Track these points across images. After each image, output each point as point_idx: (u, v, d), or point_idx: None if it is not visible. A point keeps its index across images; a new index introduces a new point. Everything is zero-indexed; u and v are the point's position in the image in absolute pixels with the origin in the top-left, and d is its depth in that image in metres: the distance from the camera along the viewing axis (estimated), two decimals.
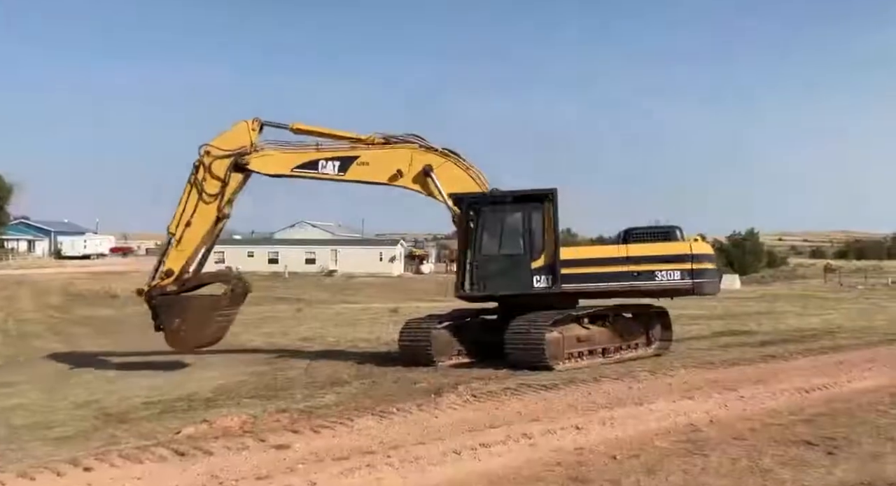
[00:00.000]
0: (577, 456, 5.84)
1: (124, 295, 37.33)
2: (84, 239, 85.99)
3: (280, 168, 12.10)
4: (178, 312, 11.71)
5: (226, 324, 12.21)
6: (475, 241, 11.69)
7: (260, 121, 12.08)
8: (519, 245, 11.70)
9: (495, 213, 11.83)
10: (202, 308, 11.80)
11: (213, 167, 11.89)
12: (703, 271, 11.42)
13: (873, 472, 5.26)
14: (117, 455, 6.09)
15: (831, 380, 9.35)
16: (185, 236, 12.02)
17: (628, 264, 11.32)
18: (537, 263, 11.38)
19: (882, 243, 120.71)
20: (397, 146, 11.96)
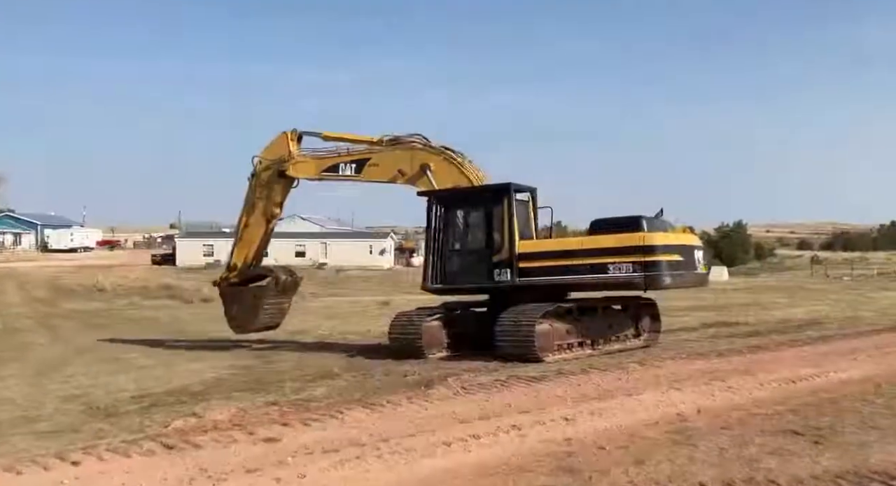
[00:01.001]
0: (566, 447, 5.87)
1: (111, 288, 37.18)
2: (71, 232, 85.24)
3: (310, 173, 13.23)
4: (234, 300, 13.58)
5: (277, 311, 13.81)
6: (441, 236, 12.07)
7: (297, 132, 13.29)
8: (480, 240, 12.03)
9: (459, 208, 12.22)
10: (252, 297, 13.43)
11: (261, 175, 13.39)
12: (656, 264, 10.72)
13: (858, 460, 5.32)
14: (105, 449, 6.06)
15: (817, 370, 9.44)
16: (244, 235, 13.81)
17: (583, 256, 11.12)
18: (497, 256, 11.54)
19: (868, 235, 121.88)
20: (401, 147, 12.48)
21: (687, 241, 11.65)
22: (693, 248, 11.64)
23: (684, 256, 11.22)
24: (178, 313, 25.00)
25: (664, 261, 10.84)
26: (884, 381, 8.57)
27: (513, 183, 11.80)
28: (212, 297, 33.09)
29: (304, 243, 66.87)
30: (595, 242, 11.26)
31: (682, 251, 11.23)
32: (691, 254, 11.48)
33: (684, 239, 11.62)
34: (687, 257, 11.32)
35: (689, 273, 11.41)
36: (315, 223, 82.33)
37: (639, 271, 10.71)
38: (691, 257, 11.46)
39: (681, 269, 11.13)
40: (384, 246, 66.55)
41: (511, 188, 11.66)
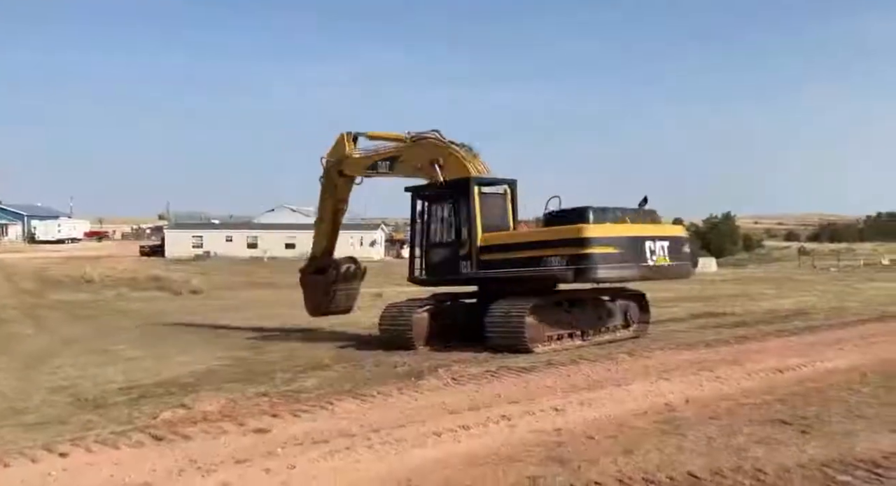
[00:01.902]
0: (555, 437, 5.90)
1: (99, 280, 36.93)
2: (58, 223, 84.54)
3: (358, 171, 13.88)
4: (310, 288, 14.87)
5: (345, 297, 14.96)
6: (422, 230, 12.48)
7: (353, 133, 14.02)
8: (450, 233, 12.20)
9: (435, 203, 12.46)
10: (321, 285, 14.68)
11: (328, 173, 14.25)
12: (588, 256, 10.41)
13: (844, 449, 5.38)
14: (93, 441, 6.03)
15: (804, 360, 9.52)
16: (318, 229, 15.28)
17: (528, 249, 11.12)
18: (462, 249, 11.74)
19: (855, 226, 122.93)
20: (420, 143, 12.78)
21: (635, 232, 10.94)
22: (644, 239, 10.92)
23: (625, 248, 10.69)
24: (167, 304, 24.87)
25: (597, 254, 10.48)
26: (870, 370, 8.66)
27: (475, 177, 11.83)
28: (200, 289, 32.99)
29: (295, 235, 66.61)
30: (537, 234, 11.37)
31: (622, 244, 10.71)
32: (638, 246, 10.82)
33: (631, 230, 10.94)
34: (630, 249, 10.72)
35: (633, 266, 10.77)
36: (305, 215, 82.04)
37: (570, 264, 10.55)
38: (638, 249, 10.80)
39: (620, 261, 10.67)
40: (375, 237, 66.46)
41: (471, 182, 11.68)
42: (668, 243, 11.22)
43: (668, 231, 11.67)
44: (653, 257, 10.96)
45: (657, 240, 11.09)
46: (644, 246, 10.92)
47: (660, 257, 11.04)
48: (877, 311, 17.36)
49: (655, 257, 11.00)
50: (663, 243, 11.14)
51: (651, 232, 11.18)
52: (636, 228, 11.10)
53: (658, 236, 11.17)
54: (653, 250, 10.97)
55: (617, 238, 10.73)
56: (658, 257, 11.03)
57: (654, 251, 10.99)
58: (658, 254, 11.03)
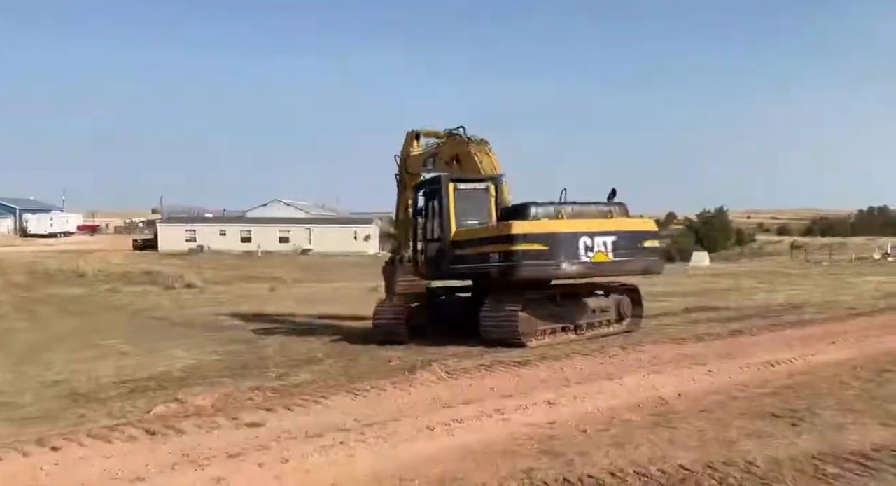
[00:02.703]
0: (548, 430, 5.92)
1: (91, 274, 36.77)
2: (50, 217, 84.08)
3: (417, 168, 14.14)
4: (388, 277, 14.66)
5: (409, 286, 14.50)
6: (421, 224, 12.61)
7: (415, 131, 14.38)
8: (434, 229, 12.29)
9: (428, 199, 12.54)
10: (391, 274, 14.57)
11: (399, 171, 14.67)
12: (514, 253, 10.37)
13: (834, 442, 5.42)
14: (86, 435, 6.01)
15: (796, 354, 9.58)
16: (398, 224, 15.65)
17: (478, 245, 11.24)
18: (442, 245, 11.91)
19: (847, 220, 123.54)
20: (448, 140, 13.12)
21: (567, 228, 10.67)
22: (579, 235, 10.60)
23: (555, 245, 10.47)
24: (160, 299, 24.79)
25: (521, 250, 10.40)
26: (861, 364, 8.72)
27: (446, 175, 12.13)
28: (194, 283, 32.86)
29: (289, 229, 66.50)
30: (485, 231, 11.40)
31: (551, 240, 10.49)
32: (571, 243, 10.55)
33: (563, 226, 10.69)
34: (560, 246, 10.50)
35: (564, 263, 10.52)
36: (299, 209, 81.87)
37: (501, 261, 10.57)
38: (570, 245, 10.52)
39: (547, 258, 10.50)
40: (369, 232, 66.35)
41: (442, 180, 11.92)
42: (615, 238, 10.77)
43: (618, 226, 10.99)
44: (588, 254, 10.56)
45: (598, 236, 10.67)
46: (578, 242, 10.57)
47: (598, 254, 10.61)
48: (868, 305, 17.46)
49: (592, 253, 10.59)
50: (606, 238, 10.72)
51: (590, 228, 10.72)
52: (570, 224, 10.74)
53: (600, 232, 10.72)
54: (589, 247, 10.57)
55: (545, 235, 10.52)
56: (596, 253, 10.61)
57: (592, 247, 10.59)
58: (597, 250, 10.63)
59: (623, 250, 10.82)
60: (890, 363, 8.79)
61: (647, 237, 11.29)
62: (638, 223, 11.54)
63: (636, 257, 11.04)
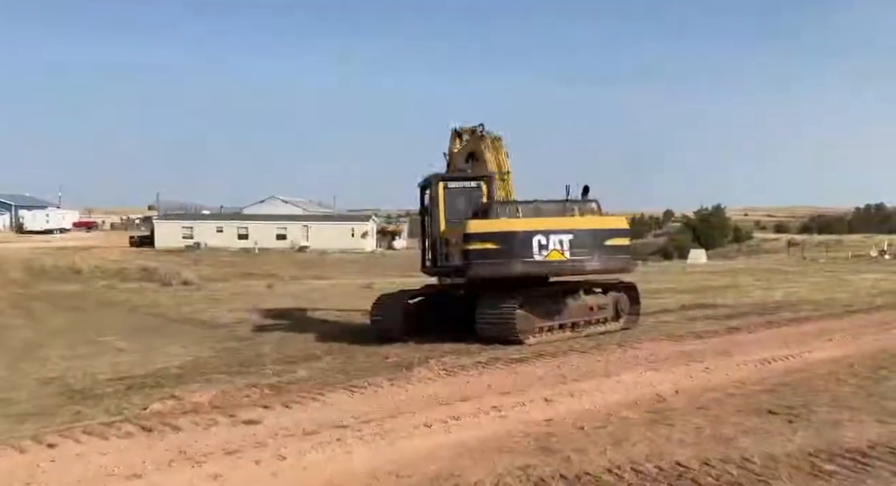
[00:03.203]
0: (545, 427, 5.93)
1: (88, 270, 36.69)
2: (46, 213, 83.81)
3: (460, 165, 13.82)
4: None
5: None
6: (426, 223, 12.82)
7: (458, 129, 14.23)
8: (430, 226, 12.55)
9: (430, 197, 12.65)
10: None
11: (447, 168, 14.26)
12: (469, 252, 10.62)
13: (830, 439, 5.43)
14: (82, 431, 6.00)
15: (792, 351, 9.60)
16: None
17: (450, 244, 11.48)
18: (434, 243, 12.15)
19: (844, 218, 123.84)
20: (472, 137, 13.26)
21: (520, 227, 10.71)
22: (533, 234, 10.57)
23: (507, 244, 10.54)
24: (157, 295, 24.74)
25: (474, 250, 10.60)
26: (857, 361, 8.74)
27: (438, 174, 12.29)
28: (190, 280, 32.80)
29: (286, 226, 66.38)
30: (452, 230, 11.57)
31: (503, 239, 10.56)
32: (524, 241, 10.55)
33: (516, 225, 10.75)
34: (513, 244, 10.55)
35: (516, 262, 10.57)
36: (296, 206, 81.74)
37: (461, 259, 10.84)
38: (524, 244, 10.55)
39: (499, 257, 10.58)
40: (366, 229, 66.27)
41: (431, 180, 12.10)
42: (571, 236, 10.63)
43: (574, 224, 10.83)
44: (542, 253, 10.52)
45: (553, 234, 10.58)
46: (532, 241, 10.53)
47: (553, 253, 10.54)
48: (865, 302, 17.49)
49: (547, 252, 10.54)
50: (562, 237, 10.60)
51: (546, 226, 10.67)
52: (524, 223, 10.75)
53: (555, 230, 10.63)
54: (544, 245, 10.52)
55: (497, 234, 10.58)
56: (551, 252, 10.54)
57: (546, 246, 10.54)
58: (552, 249, 10.55)
59: (581, 248, 10.63)
60: (886, 361, 8.81)
61: (611, 235, 10.92)
62: (601, 221, 11.10)
63: (596, 256, 10.72)
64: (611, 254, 10.88)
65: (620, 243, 11.01)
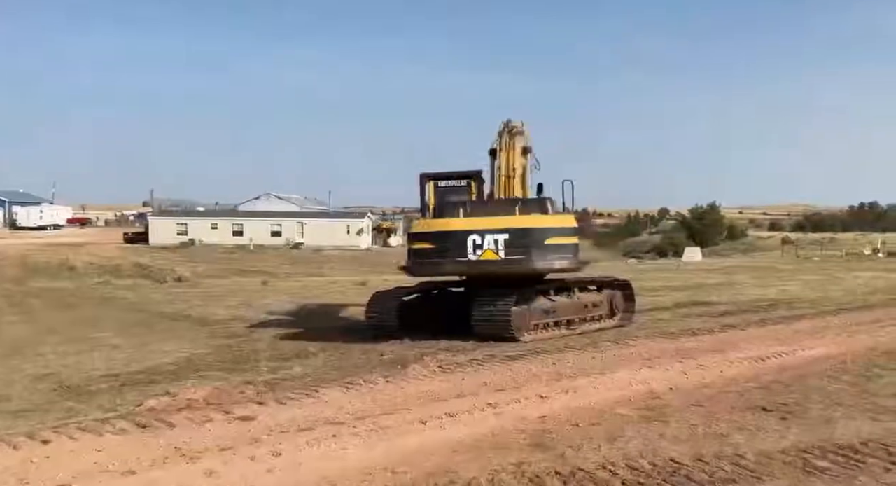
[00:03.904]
0: (540, 424, 5.94)
1: (82, 267, 36.58)
2: (40, 209, 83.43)
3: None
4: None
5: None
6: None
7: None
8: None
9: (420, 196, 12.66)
10: None
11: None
12: (412, 252, 11.24)
13: (823, 436, 5.46)
14: (76, 428, 5.99)
15: (786, 349, 9.64)
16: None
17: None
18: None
19: (838, 216, 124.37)
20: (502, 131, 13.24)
21: (455, 227, 10.82)
22: (468, 234, 10.62)
23: (442, 243, 10.71)
24: (152, 292, 24.67)
25: (417, 249, 11.09)
26: (850, 359, 8.79)
27: (424, 172, 12.32)
28: (185, 276, 32.74)
29: (281, 223, 66.24)
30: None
31: (439, 239, 10.75)
32: (459, 241, 10.62)
33: (451, 225, 10.87)
34: (448, 244, 10.68)
35: (450, 262, 10.73)
36: (291, 202, 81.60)
37: (407, 259, 11.24)
38: (459, 244, 10.62)
39: (435, 257, 10.81)
40: (361, 226, 66.20)
41: (422, 177, 12.23)
42: (507, 236, 10.53)
43: (509, 224, 10.68)
44: (476, 252, 10.52)
45: (488, 234, 10.54)
46: (467, 241, 10.55)
47: (487, 252, 10.51)
48: (858, 300, 17.58)
49: (480, 251, 10.54)
50: (497, 236, 10.53)
51: (482, 226, 10.64)
52: (459, 223, 10.81)
53: (491, 230, 10.56)
54: (478, 245, 10.53)
55: (434, 233, 10.83)
56: (485, 251, 10.52)
57: (481, 246, 10.53)
58: (487, 248, 10.53)
59: (516, 247, 10.51)
60: (879, 358, 8.87)
61: (551, 234, 10.68)
62: (541, 220, 10.84)
63: (533, 255, 10.55)
64: (552, 253, 10.61)
65: (563, 242, 10.73)
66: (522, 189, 12.09)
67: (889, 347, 9.83)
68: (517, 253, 10.51)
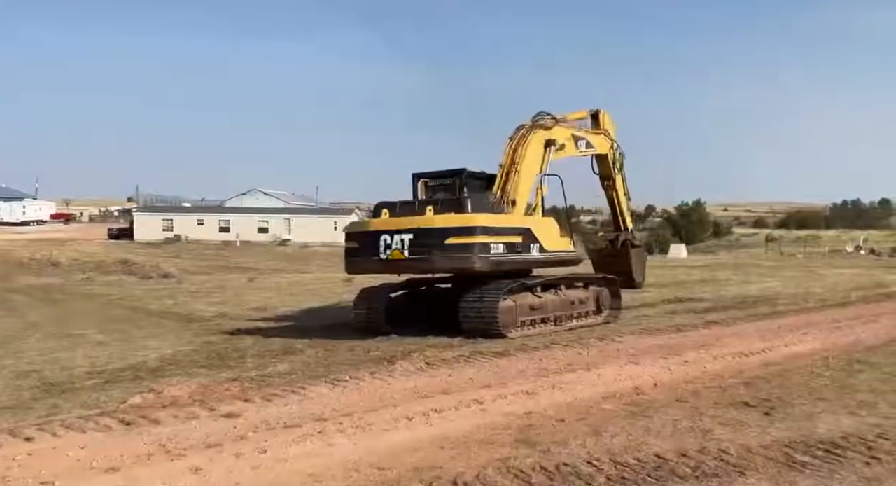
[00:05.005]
0: (526, 420, 5.97)
1: (66, 263, 36.21)
2: (23, 205, 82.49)
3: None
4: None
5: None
6: None
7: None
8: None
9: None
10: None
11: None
12: (344, 251, 11.63)
13: (806, 430, 5.53)
14: (59, 425, 5.94)
15: (769, 344, 9.75)
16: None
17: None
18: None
19: (821, 213, 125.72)
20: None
21: (372, 227, 11.24)
22: (380, 234, 10.94)
23: (363, 243, 11.16)
24: (136, 288, 24.49)
25: (346, 247, 11.56)
26: (832, 355, 8.90)
27: (417, 172, 12.43)
28: (171, 273, 32.51)
29: (267, 219, 65.95)
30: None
31: (360, 239, 11.27)
32: (374, 241, 10.95)
33: (369, 225, 11.38)
34: (366, 244, 11.06)
35: (367, 261, 11.13)
36: (278, 199, 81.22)
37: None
38: (374, 243, 10.94)
39: (358, 256, 11.32)
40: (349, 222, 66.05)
41: (414, 176, 12.37)
42: (412, 236, 10.72)
43: (414, 224, 10.84)
44: (386, 252, 10.82)
45: (396, 234, 10.80)
46: (379, 241, 10.88)
47: (395, 252, 10.76)
48: (840, 297, 17.80)
49: (389, 251, 10.81)
50: (404, 236, 10.75)
51: (393, 226, 10.93)
52: (375, 223, 11.30)
53: (400, 230, 10.81)
54: (388, 245, 10.81)
55: (357, 233, 11.43)
56: (393, 251, 10.78)
57: (390, 245, 10.80)
58: (395, 248, 10.77)
59: (420, 247, 10.65)
60: (860, 354, 8.98)
61: (451, 234, 10.62)
62: (445, 219, 10.82)
63: (434, 255, 10.60)
64: (450, 252, 10.59)
65: (462, 242, 10.62)
66: (519, 185, 11.89)
67: (870, 343, 9.97)
68: (419, 253, 10.67)
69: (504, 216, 11.30)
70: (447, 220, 10.76)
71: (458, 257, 10.57)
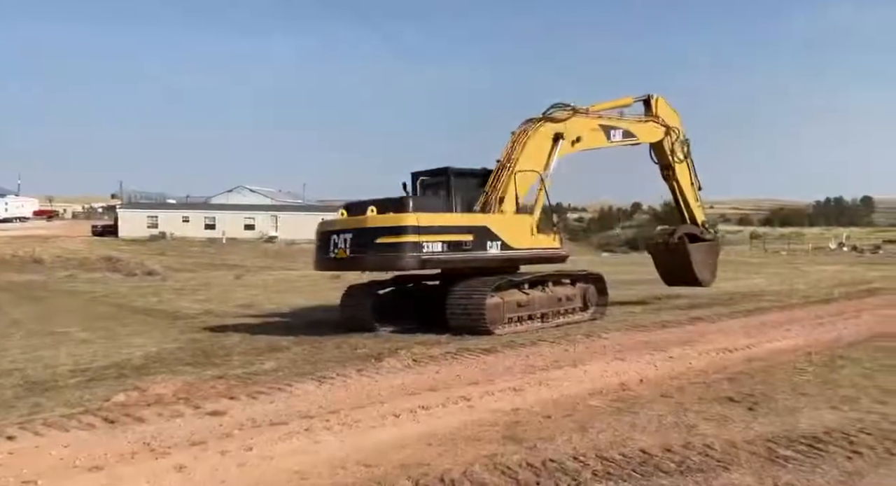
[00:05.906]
0: (513, 416, 5.98)
1: (50, 260, 35.81)
2: (5, 201, 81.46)
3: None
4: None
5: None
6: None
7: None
8: None
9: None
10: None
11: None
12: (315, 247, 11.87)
13: (789, 425, 5.59)
14: (42, 423, 5.87)
15: (753, 341, 9.84)
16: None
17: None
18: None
19: (804, 211, 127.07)
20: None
21: (325, 226, 11.64)
22: (331, 233, 11.31)
23: (320, 241, 11.58)
24: (121, 286, 24.27)
25: (315, 245, 11.85)
26: (814, 351, 8.99)
27: (413, 171, 12.67)
28: (156, 270, 32.26)
29: (254, 216, 65.58)
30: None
31: (318, 237, 11.67)
32: (327, 239, 11.32)
33: (324, 225, 11.72)
34: (321, 242, 11.49)
35: (320, 258, 11.65)
36: (265, 196, 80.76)
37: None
38: (326, 242, 11.32)
39: (317, 253, 11.76)
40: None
41: (412, 175, 12.61)
42: (351, 235, 11.07)
43: (351, 224, 11.22)
44: (334, 251, 11.16)
45: (341, 234, 11.19)
46: (330, 239, 11.30)
47: (339, 251, 11.10)
48: (823, 293, 18.00)
49: (337, 250, 11.14)
50: (346, 236, 11.12)
51: (338, 226, 11.33)
52: (328, 223, 11.67)
53: (343, 230, 11.20)
54: (336, 244, 11.18)
55: (319, 232, 11.71)
56: (339, 250, 11.12)
57: (337, 244, 11.16)
58: (340, 247, 11.12)
59: (357, 246, 10.98)
60: (842, 350, 9.08)
61: (381, 234, 10.84)
62: (378, 219, 11.00)
63: (369, 253, 10.86)
64: (380, 251, 10.79)
65: (391, 241, 10.76)
66: (508, 182, 11.90)
67: (852, 338, 10.09)
68: (357, 252, 10.99)
69: (449, 215, 11.38)
70: (378, 220, 11.01)
71: (389, 256, 10.75)
